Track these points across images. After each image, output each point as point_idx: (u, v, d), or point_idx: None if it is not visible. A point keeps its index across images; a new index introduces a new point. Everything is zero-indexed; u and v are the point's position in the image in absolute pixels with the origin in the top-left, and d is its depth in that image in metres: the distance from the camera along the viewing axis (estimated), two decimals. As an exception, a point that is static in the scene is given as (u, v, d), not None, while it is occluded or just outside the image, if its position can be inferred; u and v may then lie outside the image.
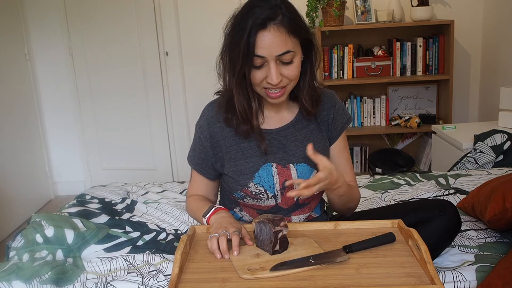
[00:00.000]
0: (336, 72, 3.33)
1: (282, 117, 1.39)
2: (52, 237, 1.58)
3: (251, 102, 1.30)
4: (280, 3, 1.20)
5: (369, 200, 1.98)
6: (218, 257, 1.13)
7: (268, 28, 1.18)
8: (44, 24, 3.49)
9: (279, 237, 1.12)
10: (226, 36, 1.26)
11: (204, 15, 3.38)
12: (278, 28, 1.18)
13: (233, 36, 1.22)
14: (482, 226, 1.65)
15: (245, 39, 1.18)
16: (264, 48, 1.18)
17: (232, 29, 1.23)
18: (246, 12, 1.20)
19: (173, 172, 3.70)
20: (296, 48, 1.22)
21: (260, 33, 1.18)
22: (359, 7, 3.25)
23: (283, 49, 1.19)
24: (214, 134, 1.37)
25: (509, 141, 2.47)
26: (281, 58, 1.20)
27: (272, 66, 1.21)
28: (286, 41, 1.19)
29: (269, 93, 1.26)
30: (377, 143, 3.61)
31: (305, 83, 1.32)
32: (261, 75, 1.23)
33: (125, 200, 2.04)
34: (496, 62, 3.26)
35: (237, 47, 1.20)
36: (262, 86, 1.26)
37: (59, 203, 3.57)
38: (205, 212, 1.32)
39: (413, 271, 1.05)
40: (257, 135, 1.34)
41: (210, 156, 1.38)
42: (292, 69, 1.23)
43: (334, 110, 1.41)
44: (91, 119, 3.65)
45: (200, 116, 1.41)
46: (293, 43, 1.21)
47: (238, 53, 1.20)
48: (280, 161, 1.35)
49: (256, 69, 1.23)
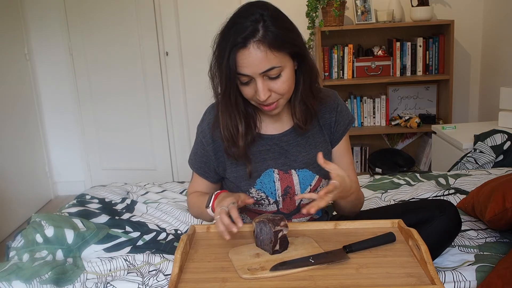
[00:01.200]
0: (336, 72, 3.33)
1: (283, 123, 1.36)
2: (52, 237, 1.58)
3: (238, 125, 1.26)
4: (262, 17, 1.14)
5: (369, 200, 1.98)
6: (227, 238, 1.11)
7: (248, 46, 1.13)
8: (44, 24, 3.49)
9: (279, 237, 1.12)
10: (213, 55, 1.22)
11: (204, 15, 3.38)
12: (258, 46, 1.12)
13: (217, 56, 1.20)
14: (482, 226, 1.65)
15: (225, 60, 1.14)
16: (247, 67, 1.14)
17: (217, 48, 1.20)
18: (227, 31, 1.16)
19: (173, 172, 3.70)
20: (283, 62, 1.16)
21: (240, 52, 1.13)
22: (359, 7, 3.25)
23: (266, 66, 1.14)
24: (216, 139, 1.34)
25: (509, 141, 2.47)
26: (266, 74, 1.16)
27: (259, 83, 1.16)
28: (268, 57, 1.13)
29: (263, 107, 1.24)
30: (377, 143, 3.61)
31: (297, 95, 1.27)
32: (250, 90, 1.20)
33: (125, 200, 2.04)
34: (496, 62, 3.26)
35: (220, 68, 1.18)
36: (255, 101, 1.23)
37: (59, 203, 3.57)
38: (206, 203, 1.29)
39: (413, 271, 1.04)
40: (242, 159, 1.30)
41: (213, 160, 1.36)
42: (280, 84, 1.18)
43: (336, 113, 1.37)
44: (91, 119, 3.65)
45: (202, 119, 1.39)
46: (278, 57, 1.15)
47: (221, 74, 1.18)
48: (282, 167, 1.34)
49: (245, 85, 1.20)
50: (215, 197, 1.28)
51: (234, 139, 1.28)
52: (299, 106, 1.29)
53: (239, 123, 1.27)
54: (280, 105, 1.24)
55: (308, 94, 1.28)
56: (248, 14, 1.15)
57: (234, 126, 1.27)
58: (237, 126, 1.27)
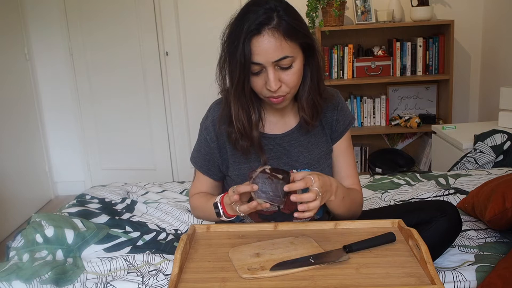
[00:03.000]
0: (336, 72, 3.34)
1: (286, 122, 1.36)
2: (52, 237, 1.58)
3: (251, 114, 1.26)
4: (276, 6, 1.15)
5: (369, 200, 1.98)
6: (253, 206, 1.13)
7: (263, 33, 1.13)
8: (44, 24, 3.49)
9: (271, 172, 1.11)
10: (223, 46, 1.22)
11: (204, 15, 3.38)
12: (273, 33, 1.13)
13: (229, 45, 1.19)
14: (482, 226, 1.65)
15: (241, 47, 1.14)
16: (260, 55, 1.15)
17: (228, 38, 1.20)
18: (240, 19, 1.17)
19: (173, 172, 3.70)
20: (295, 53, 1.17)
21: (255, 39, 1.14)
22: (359, 7, 3.25)
23: (279, 54, 1.15)
24: (220, 136, 1.34)
25: (509, 141, 2.47)
26: (278, 63, 1.16)
27: (270, 72, 1.17)
28: (282, 46, 1.14)
29: (271, 99, 1.23)
30: (377, 143, 3.61)
31: (305, 90, 1.27)
32: (260, 82, 1.20)
33: (125, 200, 2.04)
34: (496, 62, 3.26)
35: (234, 57, 1.17)
36: (263, 94, 1.23)
37: (59, 203, 3.57)
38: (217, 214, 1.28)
39: (413, 271, 1.04)
40: (257, 149, 1.30)
41: (217, 158, 1.36)
42: (291, 75, 1.19)
43: (337, 111, 1.38)
44: (91, 119, 3.65)
45: (206, 116, 1.38)
46: (291, 47, 1.16)
47: (235, 63, 1.17)
48: (284, 167, 1.33)
49: (255, 75, 1.19)
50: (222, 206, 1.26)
51: (246, 130, 1.27)
52: (306, 102, 1.29)
53: (252, 112, 1.26)
54: (287, 99, 1.24)
55: (315, 91, 1.28)
56: (262, 2, 1.17)
57: (247, 116, 1.26)
58: (250, 115, 1.26)
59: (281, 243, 1.16)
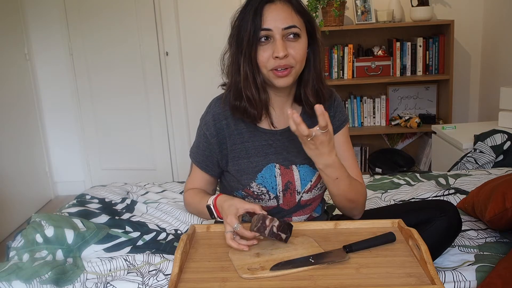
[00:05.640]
0: (336, 72, 3.34)
1: (286, 118, 1.35)
2: (52, 237, 1.58)
3: (257, 78, 1.28)
4: None
5: (369, 200, 1.98)
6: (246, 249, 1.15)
7: (275, 2, 1.23)
8: (44, 24, 3.49)
9: (278, 231, 1.12)
10: (234, 23, 1.27)
11: (204, 15, 3.38)
12: (285, 2, 1.23)
13: (242, 18, 1.25)
14: (482, 226, 1.65)
15: (252, 14, 1.21)
16: (271, 20, 1.21)
17: (241, 12, 1.26)
18: None
19: (173, 172, 3.70)
20: (301, 28, 1.24)
21: (267, 6, 1.22)
22: (359, 7, 3.25)
23: (289, 22, 1.21)
24: (220, 131, 1.35)
25: (509, 141, 2.47)
26: (287, 31, 1.22)
27: (278, 39, 1.21)
28: (292, 16, 1.22)
29: (276, 73, 1.24)
30: (377, 143, 3.61)
31: (309, 75, 1.32)
32: (267, 53, 1.23)
33: (125, 200, 2.04)
34: (496, 62, 3.26)
35: (245, 25, 1.22)
36: (269, 68, 1.24)
37: (59, 203, 3.57)
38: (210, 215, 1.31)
39: (413, 271, 1.04)
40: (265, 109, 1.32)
41: (216, 153, 1.37)
42: (298, 47, 1.23)
43: (334, 107, 1.40)
44: (91, 119, 3.65)
45: (206, 111, 1.38)
46: (299, 21, 1.24)
47: (245, 31, 1.22)
48: (283, 162, 1.34)
49: (262, 46, 1.23)
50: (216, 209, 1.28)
51: (254, 94, 1.28)
52: (311, 89, 1.32)
53: (257, 76, 1.27)
54: (292, 74, 1.25)
55: (318, 78, 1.33)
56: None
57: (254, 81, 1.27)
58: (256, 80, 1.27)
59: (281, 243, 1.16)
